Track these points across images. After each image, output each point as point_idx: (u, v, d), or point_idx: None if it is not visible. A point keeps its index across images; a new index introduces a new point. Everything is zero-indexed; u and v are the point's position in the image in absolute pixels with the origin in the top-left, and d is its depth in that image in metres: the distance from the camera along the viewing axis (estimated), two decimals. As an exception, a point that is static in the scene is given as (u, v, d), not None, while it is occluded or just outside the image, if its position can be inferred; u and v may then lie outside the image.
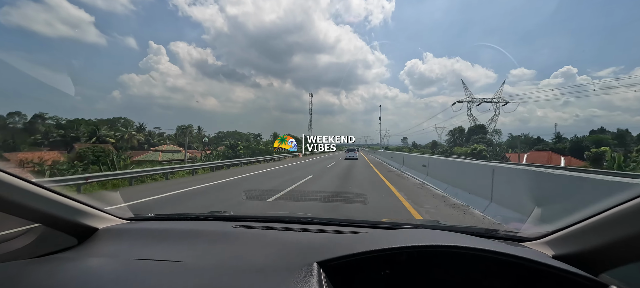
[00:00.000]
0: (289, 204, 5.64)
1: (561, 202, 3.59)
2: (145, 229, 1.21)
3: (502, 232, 1.14)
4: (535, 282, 0.82)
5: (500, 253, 0.80)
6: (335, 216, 1.55)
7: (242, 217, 1.42)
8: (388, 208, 5.02)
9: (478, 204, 4.69)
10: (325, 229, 1.21)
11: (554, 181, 3.64)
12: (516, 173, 4.39)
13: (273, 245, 1.01)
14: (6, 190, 0.80)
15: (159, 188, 7.67)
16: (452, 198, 5.64)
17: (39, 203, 0.89)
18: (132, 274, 0.80)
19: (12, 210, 0.85)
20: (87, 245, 1.05)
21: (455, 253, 0.85)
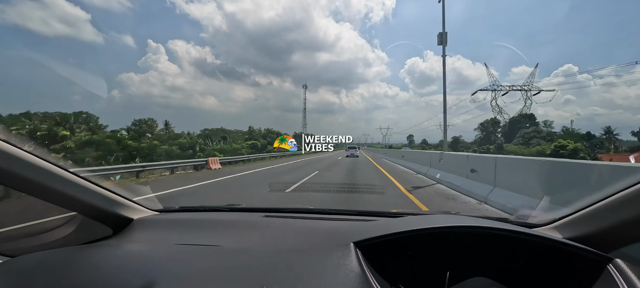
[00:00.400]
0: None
1: (567, 190, 3.75)
2: (177, 219, 1.27)
3: (513, 218, 1.21)
4: (547, 265, 0.88)
5: (517, 232, 0.87)
6: (356, 206, 1.61)
7: (265, 208, 1.47)
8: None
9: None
10: (351, 218, 1.27)
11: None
12: None
13: (304, 232, 1.06)
14: (50, 179, 0.83)
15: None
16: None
17: (79, 192, 0.93)
18: (177, 257, 0.85)
19: (55, 199, 0.89)
20: (125, 234, 1.10)
21: (472, 234, 0.92)
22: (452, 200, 5.43)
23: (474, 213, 4.59)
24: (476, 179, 5.79)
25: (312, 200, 5.63)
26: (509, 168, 4.93)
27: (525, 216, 1.21)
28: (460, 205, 5.09)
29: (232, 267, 0.78)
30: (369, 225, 1.07)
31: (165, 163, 12.34)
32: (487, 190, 5.12)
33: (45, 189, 0.84)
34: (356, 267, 0.74)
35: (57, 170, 0.84)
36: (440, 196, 5.88)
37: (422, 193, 6.27)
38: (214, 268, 0.78)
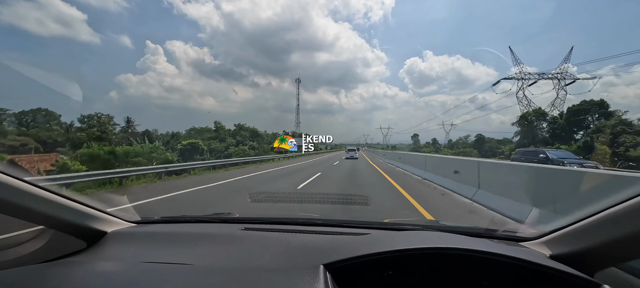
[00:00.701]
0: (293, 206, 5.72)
1: (556, 202, 3.62)
2: (153, 232, 1.24)
3: (501, 232, 1.19)
4: (534, 281, 0.86)
5: (496, 254, 0.85)
6: (339, 217, 1.59)
7: (247, 218, 1.45)
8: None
9: None
10: (329, 231, 1.25)
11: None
12: None
13: (279, 247, 1.04)
14: (12, 193, 0.80)
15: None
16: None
17: (48, 207, 0.90)
18: (143, 277, 0.83)
19: (21, 214, 0.86)
20: (97, 248, 1.07)
21: (456, 254, 0.89)
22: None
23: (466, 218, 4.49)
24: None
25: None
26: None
27: (514, 230, 1.19)
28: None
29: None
30: (346, 241, 1.05)
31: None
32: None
33: (3, 203, 0.80)
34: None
35: (15, 183, 0.81)
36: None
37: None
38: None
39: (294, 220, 1.42)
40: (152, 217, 1.45)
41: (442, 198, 5.99)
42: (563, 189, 3.46)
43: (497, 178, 5.27)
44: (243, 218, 1.45)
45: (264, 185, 8.45)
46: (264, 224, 1.38)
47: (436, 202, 5.68)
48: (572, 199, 3.20)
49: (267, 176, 10.81)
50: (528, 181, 4.17)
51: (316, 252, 0.94)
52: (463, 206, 5.19)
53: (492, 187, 5.21)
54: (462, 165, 7.00)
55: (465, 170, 6.54)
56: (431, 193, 6.71)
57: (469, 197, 5.65)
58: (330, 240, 1.11)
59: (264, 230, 1.26)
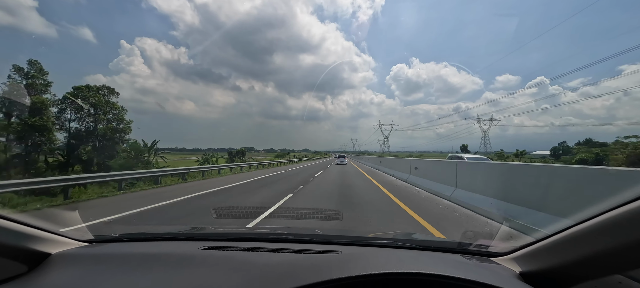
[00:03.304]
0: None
1: (527, 216, 4.07)
2: (103, 254, 1.20)
3: (474, 246, 1.25)
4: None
5: (467, 281, 0.87)
6: (310, 230, 1.59)
7: (211, 235, 1.43)
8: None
9: None
10: (297, 249, 1.25)
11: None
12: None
13: (241, 270, 1.03)
14: None
15: None
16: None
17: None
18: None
19: None
20: (39, 272, 1.02)
21: (427, 279, 0.91)
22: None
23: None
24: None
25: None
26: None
27: (485, 244, 1.24)
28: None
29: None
30: (313, 262, 1.06)
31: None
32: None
33: None
34: None
35: None
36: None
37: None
38: None
39: (262, 236, 1.41)
40: (107, 235, 1.40)
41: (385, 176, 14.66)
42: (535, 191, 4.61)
43: (434, 169, 9.78)
44: (208, 235, 1.43)
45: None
46: (228, 241, 1.36)
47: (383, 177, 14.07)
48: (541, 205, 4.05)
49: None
50: (446, 171, 8.25)
51: (283, 276, 0.94)
52: (402, 183, 11.51)
53: (427, 175, 10.05)
54: (413, 162, 12.52)
55: (412, 165, 12.36)
56: (382, 175, 15.64)
57: (404, 180, 12.19)
58: (296, 260, 1.11)
59: (227, 249, 1.25)
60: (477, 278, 0.87)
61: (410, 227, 4.67)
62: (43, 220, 1.12)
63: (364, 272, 0.90)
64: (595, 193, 3.17)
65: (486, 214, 5.27)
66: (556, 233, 0.86)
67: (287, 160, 32.00)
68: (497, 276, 0.93)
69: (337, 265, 1.02)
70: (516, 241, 1.09)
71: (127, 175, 10.80)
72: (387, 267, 0.94)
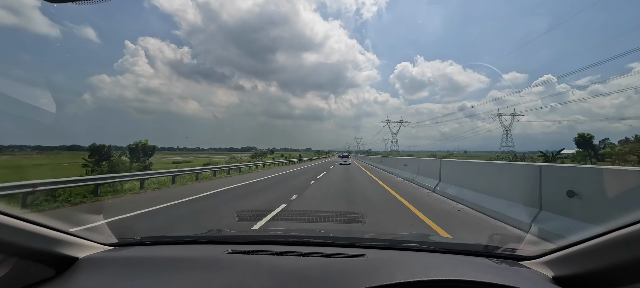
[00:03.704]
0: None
1: (561, 217, 3.86)
2: (129, 257, 1.21)
3: (502, 250, 1.24)
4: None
5: (501, 286, 0.86)
6: (333, 233, 1.60)
7: (235, 238, 1.43)
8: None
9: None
10: (322, 252, 1.25)
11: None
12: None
13: (269, 274, 1.03)
14: None
15: None
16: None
17: (10, 234, 0.87)
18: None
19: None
20: (66, 277, 1.04)
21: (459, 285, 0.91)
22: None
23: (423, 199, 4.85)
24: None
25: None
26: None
27: (514, 248, 1.24)
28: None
29: None
30: (341, 268, 1.05)
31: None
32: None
33: None
34: None
35: None
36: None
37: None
38: None
39: (286, 239, 1.42)
40: (130, 238, 1.42)
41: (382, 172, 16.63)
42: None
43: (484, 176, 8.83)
44: (230, 238, 1.44)
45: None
46: (252, 245, 1.37)
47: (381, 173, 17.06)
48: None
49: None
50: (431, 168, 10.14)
51: (309, 283, 0.94)
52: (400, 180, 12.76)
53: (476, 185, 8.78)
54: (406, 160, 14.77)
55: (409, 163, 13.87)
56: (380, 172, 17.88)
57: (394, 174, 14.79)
58: (324, 265, 1.11)
59: (252, 253, 1.25)
60: (513, 284, 0.86)
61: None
62: (70, 223, 1.14)
63: (395, 281, 0.90)
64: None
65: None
66: (592, 238, 0.84)
67: (263, 163, 24.54)
68: (530, 280, 0.92)
69: (366, 271, 1.02)
70: (548, 244, 1.09)
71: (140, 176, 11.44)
72: (420, 274, 0.95)
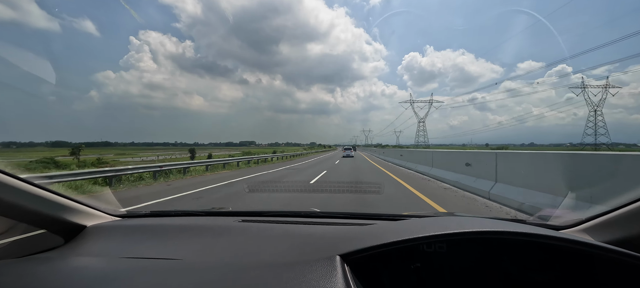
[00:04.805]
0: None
1: (597, 186, 3.77)
2: (138, 226, 1.24)
3: (533, 219, 1.21)
4: (580, 272, 0.83)
5: (544, 236, 0.81)
6: (346, 207, 1.59)
7: (245, 212, 1.46)
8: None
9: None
10: (338, 222, 1.25)
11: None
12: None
13: (283, 239, 1.04)
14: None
15: None
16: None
17: (20, 198, 0.89)
18: (122, 274, 0.81)
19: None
20: (75, 244, 1.07)
21: (488, 241, 0.87)
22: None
23: (481, 213, 4.66)
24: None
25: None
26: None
27: (546, 216, 1.21)
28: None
29: (189, 287, 0.73)
30: (361, 231, 1.04)
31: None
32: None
33: None
34: (342, 286, 0.69)
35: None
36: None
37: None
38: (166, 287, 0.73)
39: (298, 213, 1.43)
40: (139, 211, 1.46)
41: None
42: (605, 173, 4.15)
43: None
44: (240, 212, 1.46)
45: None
46: (264, 217, 1.38)
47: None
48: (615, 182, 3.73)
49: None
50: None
51: (328, 243, 0.93)
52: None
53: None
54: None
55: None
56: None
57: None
58: (344, 230, 1.09)
59: (264, 222, 1.26)
60: (551, 235, 0.82)
61: None
62: (80, 195, 1.17)
63: (431, 233, 0.83)
64: None
65: None
66: (632, 203, 0.82)
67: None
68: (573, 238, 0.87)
69: (392, 230, 0.97)
70: (583, 212, 1.06)
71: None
72: (456, 227, 0.86)
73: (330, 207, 4.65)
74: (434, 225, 0.96)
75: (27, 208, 0.93)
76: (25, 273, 0.80)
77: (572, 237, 0.83)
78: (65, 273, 0.82)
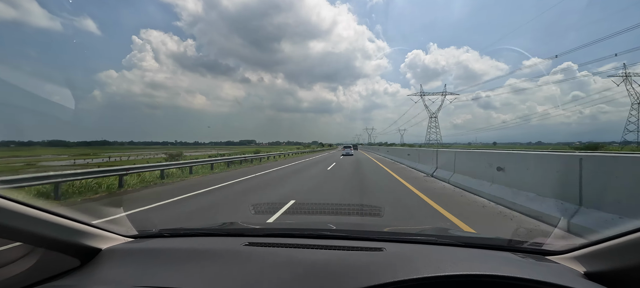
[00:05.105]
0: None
1: (592, 210, 3.62)
2: (149, 249, 1.31)
3: (528, 245, 1.26)
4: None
5: (532, 281, 0.86)
6: (348, 226, 1.66)
7: (251, 230, 1.53)
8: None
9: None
10: (340, 245, 1.30)
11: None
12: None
13: (287, 267, 1.09)
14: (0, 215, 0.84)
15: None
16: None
17: (38, 227, 0.96)
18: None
19: (7, 236, 0.91)
20: (91, 268, 1.15)
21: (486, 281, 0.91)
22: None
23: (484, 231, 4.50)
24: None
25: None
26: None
27: (540, 242, 1.26)
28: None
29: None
30: (368, 261, 1.09)
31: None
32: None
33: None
34: None
35: (5, 204, 0.86)
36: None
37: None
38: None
39: (302, 232, 1.49)
40: (149, 230, 1.53)
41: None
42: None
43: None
44: (247, 230, 1.53)
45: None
46: (269, 237, 1.45)
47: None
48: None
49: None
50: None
51: (332, 275, 0.98)
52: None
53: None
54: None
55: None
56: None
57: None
58: (342, 258, 1.15)
59: (268, 245, 1.32)
60: (542, 278, 0.88)
61: None
62: (94, 217, 1.24)
63: (418, 275, 0.92)
64: None
65: None
66: (631, 232, 0.85)
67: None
68: (560, 275, 0.93)
69: (386, 265, 1.04)
70: (578, 238, 1.11)
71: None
72: (443, 268, 0.95)
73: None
74: (427, 258, 1.04)
75: (45, 235, 0.99)
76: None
77: (559, 279, 0.88)
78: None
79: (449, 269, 0.94)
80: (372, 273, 0.95)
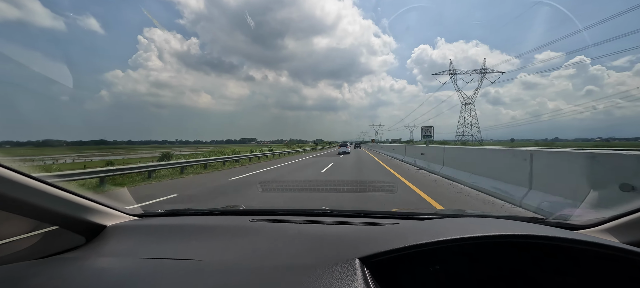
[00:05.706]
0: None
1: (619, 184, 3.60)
2: (156, 226, 1.32)
3: (551, 219, 1.23)
4: (595, 274, 0.84)
5: (563, 239, 0.82)
6: (361, 208, 1.64)
7: (259, 210, 1.52)
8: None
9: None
10: (354, 221, 1.29)
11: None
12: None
13: (299, 240, 1.07)
14: (8, 187, 0.85)
15: None
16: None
17: (44, 200, 0.97)
18: (145, 274, 0.86)
19: (14, 209, 0.92)
20: (96, 243, 1.15)
21: (504, 243, 0.88)
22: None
23: (503, 212, 4.57)
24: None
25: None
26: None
27: (566, 216, 1.23)
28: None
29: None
30: (382, 231, 1.07)
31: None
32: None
33: (3, 198, 0.86)
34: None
35: (16, 177, 0.87)
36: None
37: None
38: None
39: (311, 211, 1.47)
40: (155, 210, 1.54)
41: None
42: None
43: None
44: (255, 210, 1.53)
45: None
46: (278, 216, 1.45)
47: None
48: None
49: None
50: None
51: (346, 244, 0.95)
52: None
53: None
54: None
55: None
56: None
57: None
58: (360, 231, 1.12)
59: (278, 221, 1.32)
60: (591, 239, 0.82)
61: None
62: (99, 195, 1.26)
63: (442, 237, 0.87)
64: None
65: None
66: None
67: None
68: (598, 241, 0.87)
69: (410, 232, 0.98)
70: (607, 211, 1.07)
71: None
72: (470, 231, 0.89)
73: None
74: (456, 227, 0.98)
75: (52, 210, 1.00)
76: (54, 275, 0.87)
77: (591, 238, 0.84)
78: (91, 274, 0.89)
79: (478, 231, 0.88)
80: (388, 241, 0.91)
